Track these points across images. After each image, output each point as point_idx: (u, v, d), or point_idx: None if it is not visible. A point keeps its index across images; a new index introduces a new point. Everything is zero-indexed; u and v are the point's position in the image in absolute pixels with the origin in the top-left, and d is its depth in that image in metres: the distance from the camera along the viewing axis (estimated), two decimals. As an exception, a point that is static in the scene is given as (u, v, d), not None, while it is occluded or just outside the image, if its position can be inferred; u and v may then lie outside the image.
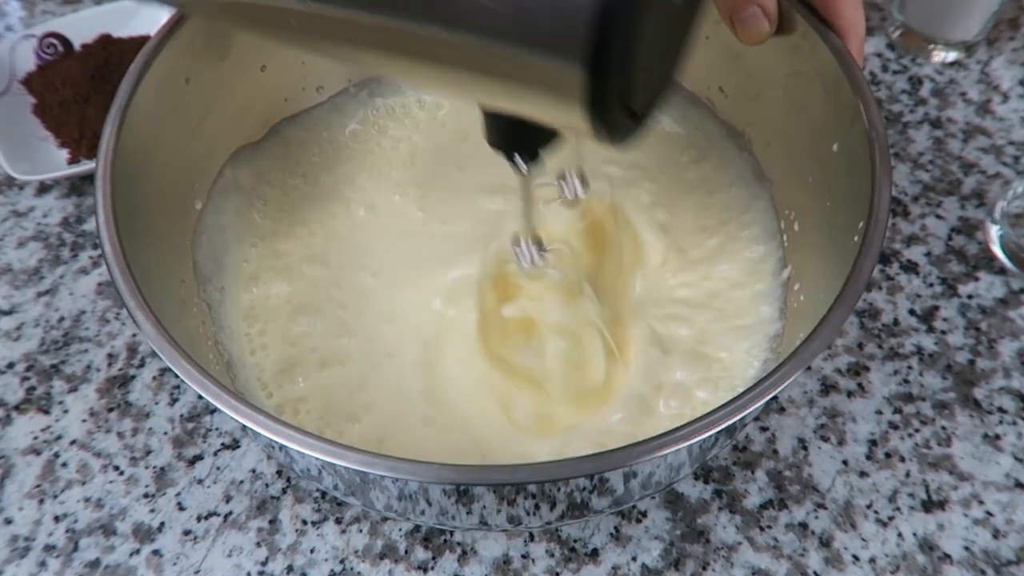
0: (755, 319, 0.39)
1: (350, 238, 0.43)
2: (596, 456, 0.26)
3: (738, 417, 0.27)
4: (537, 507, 0.30)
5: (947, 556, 0.37)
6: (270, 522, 0.38)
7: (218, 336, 0.37)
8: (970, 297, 0.45)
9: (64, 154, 0.50)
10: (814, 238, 0.37)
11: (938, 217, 0.48)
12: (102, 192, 0.32)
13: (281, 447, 0.29)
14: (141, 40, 0.54)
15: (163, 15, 0.55)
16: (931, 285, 0.45)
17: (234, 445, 0.41)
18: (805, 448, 0.40)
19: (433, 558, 0.37)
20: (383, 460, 0.26)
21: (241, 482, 0.40)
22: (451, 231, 0.43)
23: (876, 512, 0.39)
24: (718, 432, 0.27)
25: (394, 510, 0.31)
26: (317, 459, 0.27)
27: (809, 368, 0.42)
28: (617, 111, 0.22)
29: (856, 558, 0.37)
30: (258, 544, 0.38)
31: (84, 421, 0.42)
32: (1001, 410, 0.41)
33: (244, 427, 0.40)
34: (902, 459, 0.40)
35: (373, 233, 0.43)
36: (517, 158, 0.30)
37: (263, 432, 0.27)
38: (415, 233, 0.43)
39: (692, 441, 0.27)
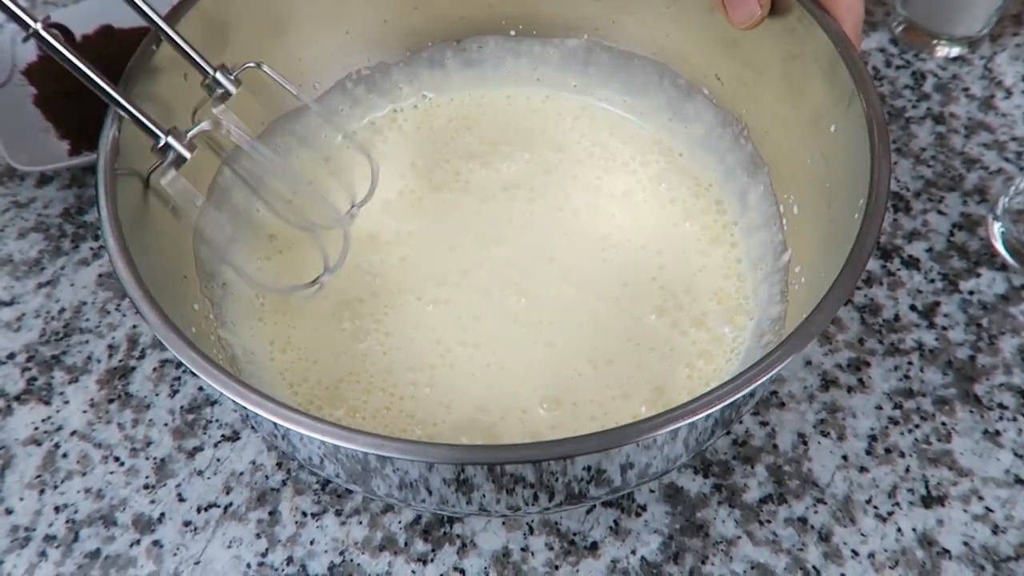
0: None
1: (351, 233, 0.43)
2: (597, 435, 0.27)
3: (743, 393, 0.27)
4: (536, 496, 0.30)
5: (946, 551, 0.37)
6: (270, 514, 0.39)
7: (220, 332, 0.38)
8: (971, 293, 0.45)
9: (65, 145, 0.50)
10: (814, 221, 0.37)
11: (940, 213, 0.48)
12: (104, 187, 0.32)
13: (283, 435, 0.29)
14: (142, 31, 0.53)
15: (166, 9, 0.55)
16: (932, 281, 0.45)
17: (234, 437, 0.41)
18: (805, 443, 0.40)
19: (433, 550, 0.37)
20: (384, 442, 0.26)
21: (241, 473, 0.40)
22: (453, 227, 0.43)
23: (875, 507, 0.39)
24: (721, 408, 0.27)
25: (395, 497, 0.31)
26: (320, 443, 0.27)
27: (809, 363, 0.43)
28: None
29: (855, 553, 0.37)
30: (258, 535, 0.38)
31: (84, 412, 0.42)
32: (1001, 406, 0.41)
33: (246, 417, 0.41)
34: (902, 455, 0.40)
35: (371, 227, 0.43)
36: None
37: (265, 415, 0.27)
38: (410, 230, 0.43)
39: (695, 418, 0.27)
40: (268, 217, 0.42)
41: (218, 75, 0.37)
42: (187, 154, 0.34)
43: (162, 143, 0.34)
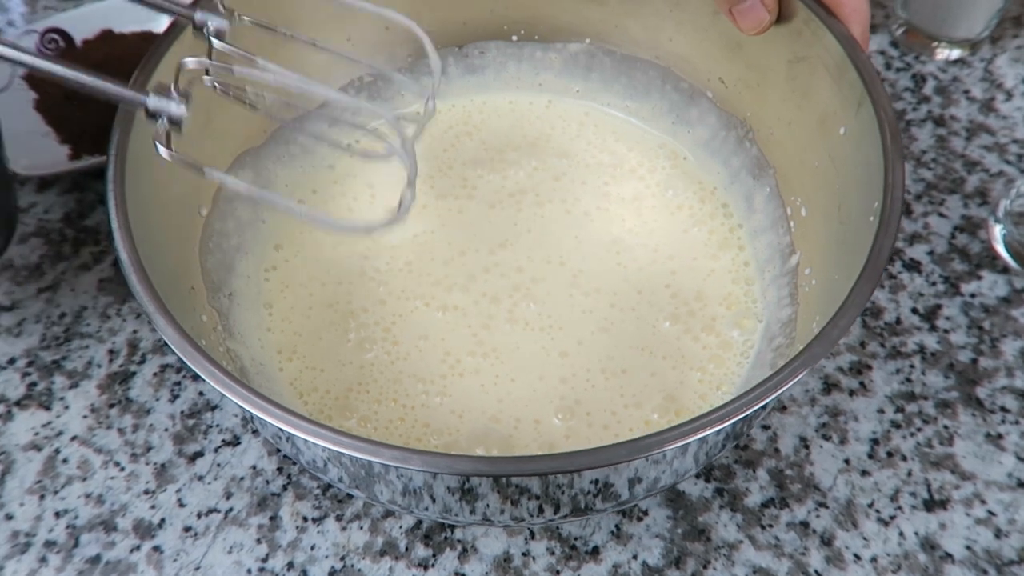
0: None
1: (356, 240, 0.43)
2: (601, 449, 0.27)
3: (760, 404, 0.27)
4: (541, 508, 0.30)
5: (949, 555, 0.37)
6: (271, 519, 0.38)
7: (229, 343, 0.37)
8: (973, 296, 0.45)
9: (66, 150, 0.50)
10: (822, 223, 0.38)
11: (941, 215, 0.48)
12: (114, 199, 0.32)
13: (288, 438, 0.29)
14: (143, 36, 0.54)
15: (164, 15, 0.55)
16: (934, 284, 0.45)
17: (235, 442, 0.41)
18: (807, 447, 0.40)
19: (434, 555, 0.37)
20: (388, 450, 0.26)
21: (242, 479, 0.40)
22: (459, 232, 0.43)
23: (878, 511, 0.38)
24: (734, 422, 0.27)
25: (398, 504, 0.31)
26: (324, 448, 0.27)
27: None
28: None
29: (857, 557, 0.37)
30: (259, 541, 0.38)
31: (85, 417, 0.42)
32: (1004, 409, 0.41)
33: (246, 422, 0.41)
34: (904, 458, 0.40)
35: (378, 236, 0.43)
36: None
37: (270, 420, 0.27)
38: (415, 233, 0.43)
39: (708, 432, 0.27)
40: (273, 226, 0.42)
41: (198, 14, 0.33)
42: (181, 110, 0.30)
43: (150, 104, 0.30)
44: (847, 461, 0.40)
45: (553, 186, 0.44)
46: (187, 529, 0.38)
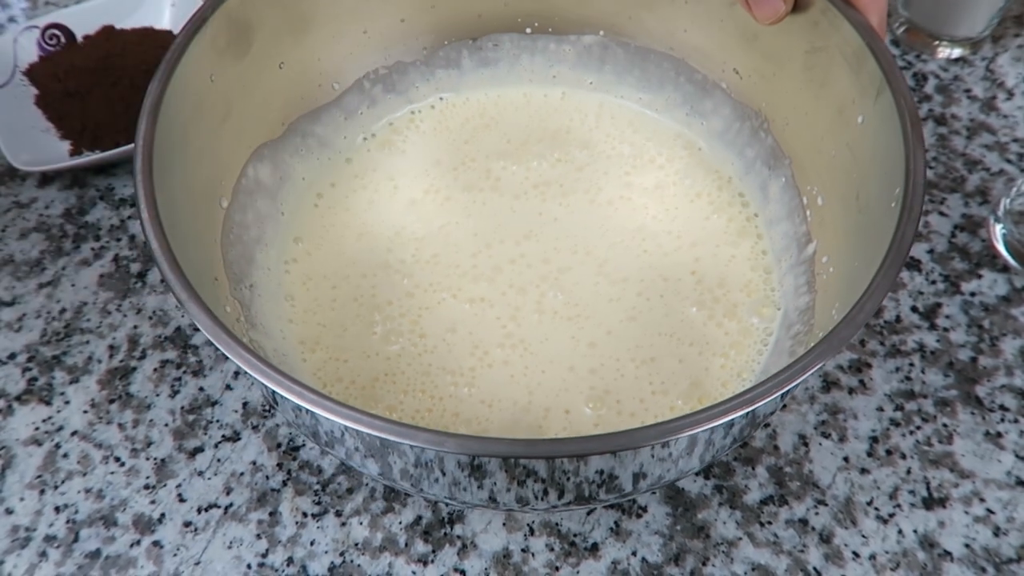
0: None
1: (374, 232, 0.43)
2: (624, 433, 0.27)
3: (799, 379, 0.27)
4: (546, 492, 0.30)
5: (947, 553, 0.37)
6: (270, 514, 0.39)
7: (251, 334, 0.37)
8: (973, 295, 0.45)
9: (66, 146, 0.50)
10: (840, 211, 0.38)
11: (941, 214, 0.48)
12: (143, 189, 0.32)
13: (308, 409, 0.30)
14: (144, 32, 0.54)
15: (167, 9, 0.55)
16: (934, 282, 0.45)
17: (235, 437, 0.41)
18: (806, 444, 0.40)
19: (433, 551, 0.37)
20: (415, 432, 0.27)
21: (241, 474, 0.40)
22: (483, 224, 0.43)
23: (877, 509, 0.39)
24: (771, 400, 0.27)
25: (410, 475, 0.31)
26: (342, 426, 0.27)
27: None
28: None
29: (856, 555, 0.37)
30: (258, 536, 0.38)
31: (85, 412, 0.42)
32: (1003, 408, 0.41)
33: (246, 417, 0.41)
34: (903, 456, 0.40)
35: (398, 226, 0.43)
36: None
37: (308, 406, 0.27)
38: (440, 225, 0.43)
39: (725, 418, 0.27)
40: (291, 219, 0.42)
41: None
42: None
43: None
44: (846, 459, 0.40)
45: (576, 176, 0.44)
46: (187, 524, 0.38)
